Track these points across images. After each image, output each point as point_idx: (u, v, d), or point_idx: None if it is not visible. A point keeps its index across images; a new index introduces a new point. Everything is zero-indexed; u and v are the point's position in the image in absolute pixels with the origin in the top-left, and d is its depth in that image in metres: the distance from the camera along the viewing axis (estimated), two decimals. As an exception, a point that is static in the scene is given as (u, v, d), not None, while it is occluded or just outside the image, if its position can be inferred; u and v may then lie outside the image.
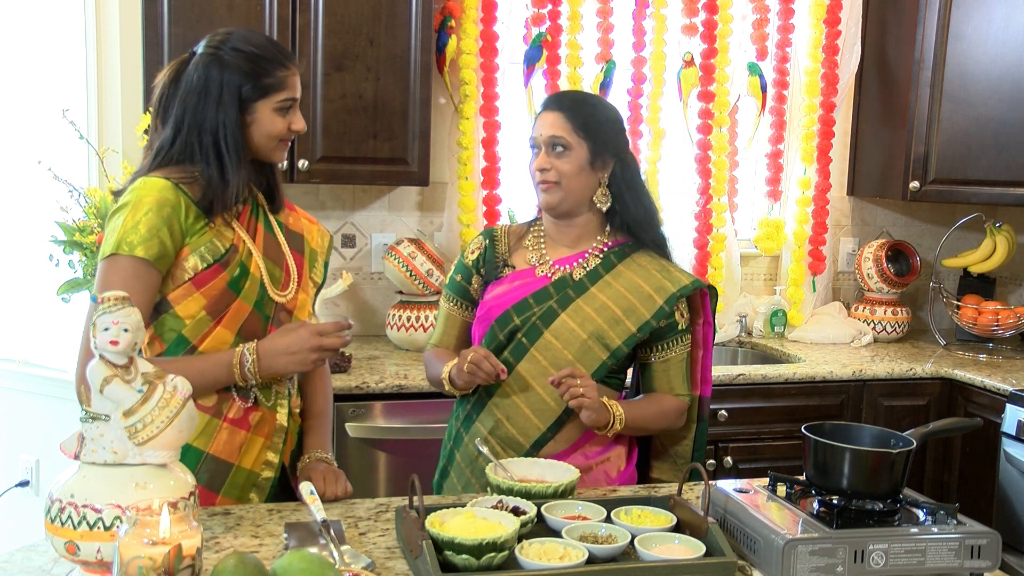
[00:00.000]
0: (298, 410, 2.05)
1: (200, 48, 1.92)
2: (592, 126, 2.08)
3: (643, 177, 2.19)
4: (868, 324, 3.87)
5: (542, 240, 2.18)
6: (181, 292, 1.87)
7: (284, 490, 2.02)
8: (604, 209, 2.13)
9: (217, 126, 1.87)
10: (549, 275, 2.13)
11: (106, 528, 1.38)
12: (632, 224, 2.14)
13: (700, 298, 2.17)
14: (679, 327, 2.12)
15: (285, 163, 3.01)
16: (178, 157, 1.89)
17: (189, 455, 1.86)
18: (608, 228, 2.17)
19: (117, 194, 1.91)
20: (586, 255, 2.14)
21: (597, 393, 1.97)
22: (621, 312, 2.08)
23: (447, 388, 2.11)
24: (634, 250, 2.15)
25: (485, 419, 2.10)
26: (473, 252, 2.21)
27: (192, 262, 1.86)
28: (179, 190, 1.85)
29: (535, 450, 2.07)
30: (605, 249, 2.15)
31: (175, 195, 1.84)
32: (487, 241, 2.21)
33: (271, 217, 2.03)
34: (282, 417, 1.97)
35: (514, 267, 2.17)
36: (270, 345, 1.87)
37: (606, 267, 2.12)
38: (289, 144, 2.00)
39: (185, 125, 1.88)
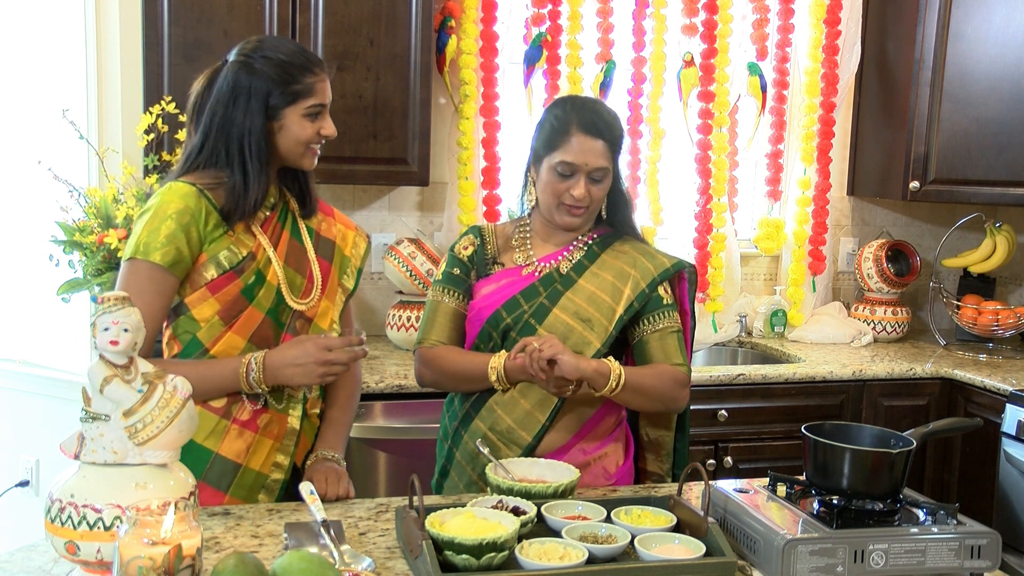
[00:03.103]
0: (316, 411, 2.05)
1: (232, 55, 1.94)
2: (619, 150, 2.14)
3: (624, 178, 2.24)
4: (868, 324, 3.87)
5: (528, 238, 2.20)
6: (197, 296, 1.90)
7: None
8: (604, 216, 2.19)
9: (243, 133, 1.89)
10: (536, 273, 2.15)
11: (106, 528, 1.38)
12: (617, 222, 2.20)
13: (677, 282, 2.20)
14: (664, 302, 2.13)
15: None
16: (205, 163, 1.92)
17: (198, 455, 1.88)
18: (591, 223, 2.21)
19: (146, 198, 1.93)
20: (570, 248, 2.17)
21: (558, 341, 1.95)
22: (609, 298, 2.10)
23: (492, 379, 2.06)
24: (615, 238, 2.19)
25: (485, 416, 2.11)
26: (466, 248, 2.21)
27: (209, 268, 1.89)
28: (203, 196, 1.88)
29: (536, 442, 2.07)
30: (589, 241, 2.18)
31: (197, 202, 1.87)
32: (478, 240, 2.21)
33: (301, 223, 2.04)
34: (294, 420, 1.98)
35: (503, 264, 2.19)
36: (278, 356, 1.88)
37: (590, 258, 2.15)
38: (318, 151, 2.00)
39: (213, 131, 1.90)
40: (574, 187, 2.07)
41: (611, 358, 2.01)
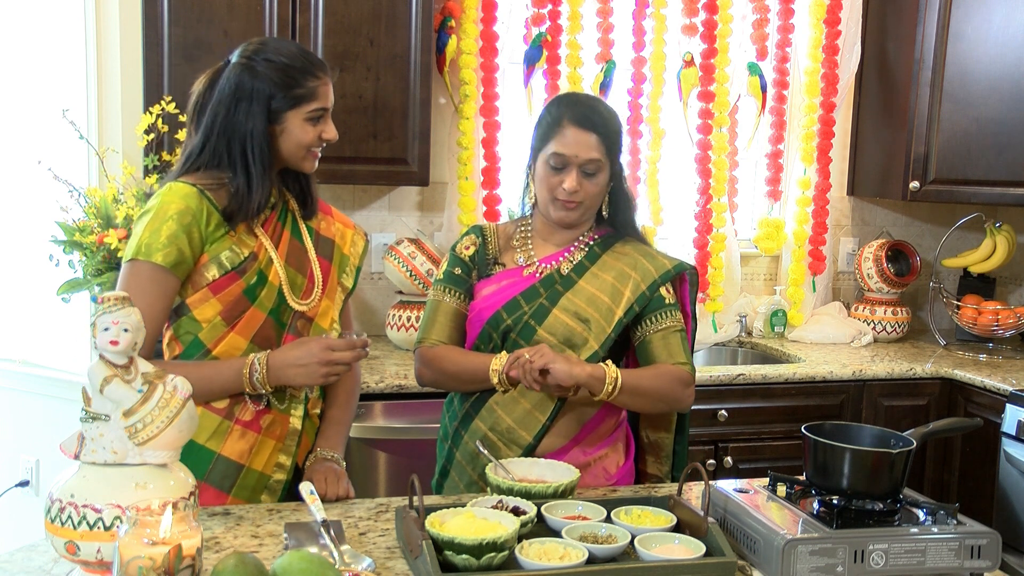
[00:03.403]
0: (317, 411, 2.06)
1: (234, 57, 1.94)
2: (617, 147, 2.12)
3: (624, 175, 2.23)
4: (868, 324, 3.87)
5: (529, 239, 2.19)
6: (199, 297, 1.90)
7: None
8: (606, 215, 2.17)
9: (245, 135, 1.88)
10: (536, 274, 2.14)
11: (106, 528, 1.38)
12: (619, 223, 2.19)
13: (679, 284, 2.19)
14: (666, 301, 2.13)
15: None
16: (206, 164, 1.92)
17: (200, 456, 1.89)
18: (592, 222, 2.19)
19: (146, 198, 1.93)
20: (571, 249, 2.16)
21: (549, 350, 1.94)
22: (609, 299, 2.10)
23: (494, 381, 2.03)
24: (617, 239, 2.18)
25: (485, 416, 2.11)
26: (468, 248, 2.21)
27: (211, 269, 1.89)
28: (203, 197, 1.87)
29: (536, 443, 2.07)
30: (590, 242, 2.17)
31: (198, 202, 1.87)
32: (480, 240, 2.21)
33: (301, 223, 2.04)
34: (295, 421, 1.98)
35: (504, 265, 2.18)
36: (281, 357, 1.88)
37: (591, 259, 2.15)
38: (319, 154, 2.00)
39: (214, 133, 1.90)
40: (566, 179, 2.06)
41: (608, 362, 2.00)
